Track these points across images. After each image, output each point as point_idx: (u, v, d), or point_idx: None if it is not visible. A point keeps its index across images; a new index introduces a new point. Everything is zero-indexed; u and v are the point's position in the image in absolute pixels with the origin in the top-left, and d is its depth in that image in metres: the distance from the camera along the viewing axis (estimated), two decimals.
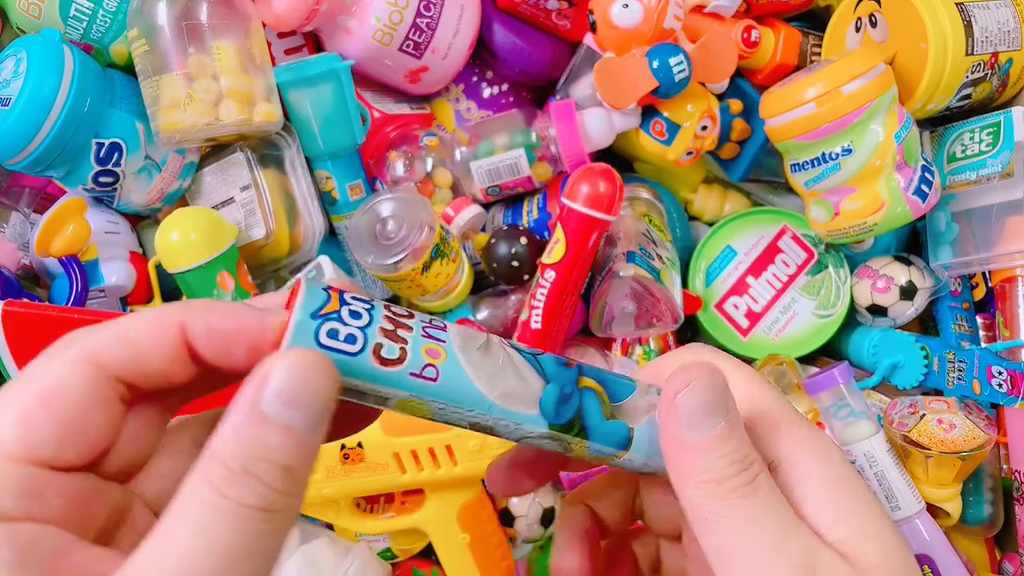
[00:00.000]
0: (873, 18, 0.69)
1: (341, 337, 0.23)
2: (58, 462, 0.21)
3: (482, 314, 0.71)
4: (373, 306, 0.25)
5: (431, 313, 0.74)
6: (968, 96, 0.69)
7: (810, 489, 0.25)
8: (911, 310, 0.72)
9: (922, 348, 0.70)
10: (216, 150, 0.70)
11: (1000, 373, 0.68)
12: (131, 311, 0.68)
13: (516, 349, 0.26)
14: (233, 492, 0.20)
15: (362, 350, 0.24)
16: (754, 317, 0.74)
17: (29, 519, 0.21)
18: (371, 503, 0.63)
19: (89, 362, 0.22)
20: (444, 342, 0.25)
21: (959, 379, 0.69)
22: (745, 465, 0.24)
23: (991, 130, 0.70)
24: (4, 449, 0.21)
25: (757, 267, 0.75)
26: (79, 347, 0.22)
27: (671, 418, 0.25)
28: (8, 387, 0.22)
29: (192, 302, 0.24)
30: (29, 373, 0.22)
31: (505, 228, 0.69)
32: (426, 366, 0.24)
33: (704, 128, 0.69)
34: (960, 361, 0.69)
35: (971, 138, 0.71)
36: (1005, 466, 0.71)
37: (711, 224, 0.78)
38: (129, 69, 0.66)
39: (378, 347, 0.24)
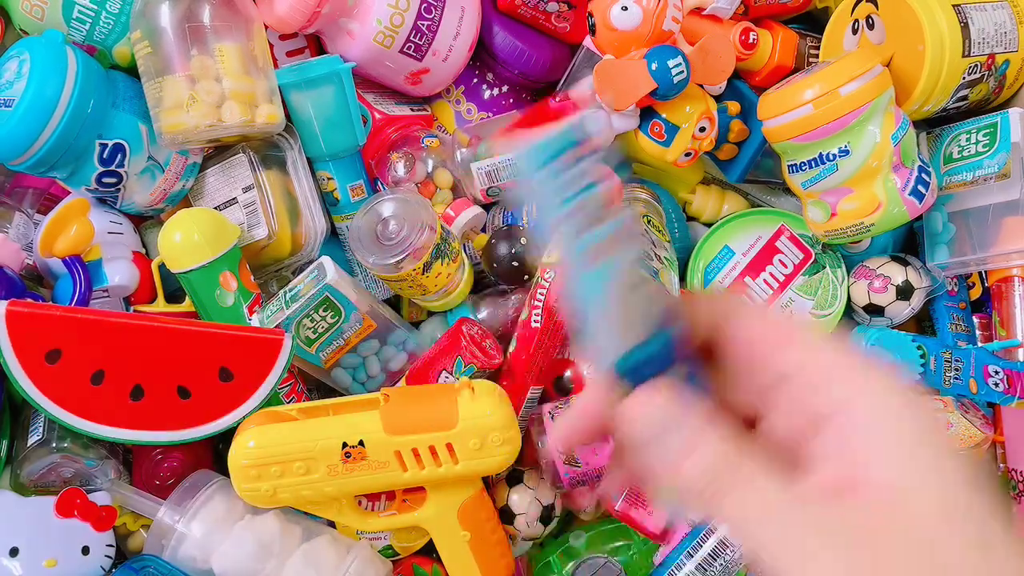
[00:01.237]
0: (870, 20, 0.70)
1: (561, 177, 0.27)
2: None
3: (482, 313, 0.72)
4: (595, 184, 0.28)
5: (433, 312, 0.74)
6: (965, 97, 0.70)
7: (863, 436, 0.25)
8: (908, 310, 0.72)
9: (919, 347, 0.70)
10: (219, 151, 0.70)
11: (997, 372, 0.68)
12: (135, 310, 0.68)
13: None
14: None
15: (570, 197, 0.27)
16: None
17: None
18: (372, 501, 0.64)
19: None
20: (622, 245, 0.28)
21: (956, 378, 0.69)
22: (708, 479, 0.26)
23: (988, 131, 0.71)
24: None
25: (755, 267, 0.75)
26: None
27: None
28: None
29: None
30: None
31: (505, 228, 0.70)
32: (594, 236, 0.28)
33: (702, 129, 0.69)
34: (957, 360, 0.70)
35: (968, 139, 0.72)
36: (1002, 465, 0.71)
37: (709, 224, 0.79)
38: (132, 70, 0.66)
39: (583, 204, 0.28)
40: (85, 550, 0.60)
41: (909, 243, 0.79)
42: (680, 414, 0.27)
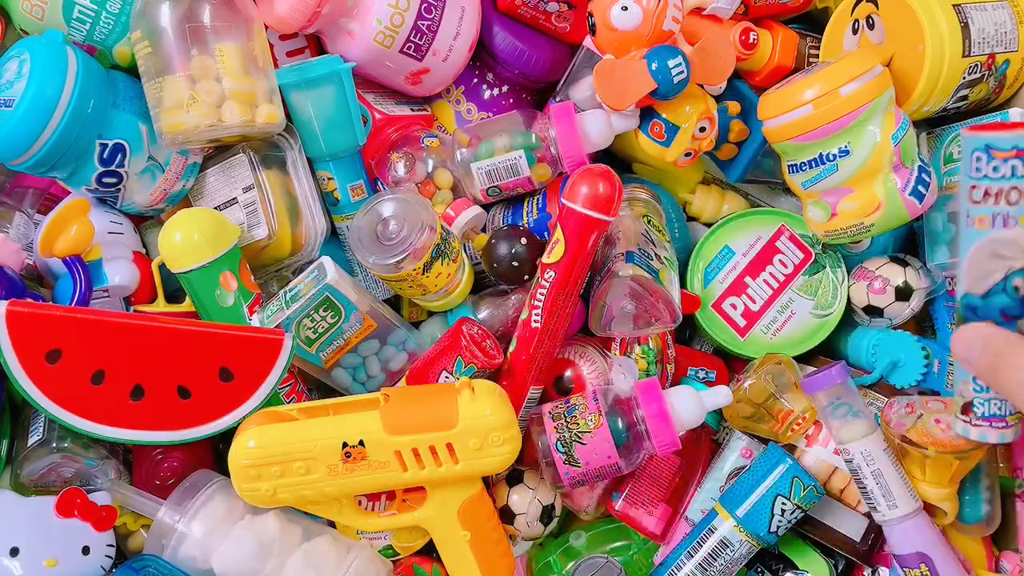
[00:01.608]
0: (871, 20, 0.70)
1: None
2: None
3: (483, 313, 0.72)
4: None
5: (433, 312, 0.74)
6: (965, 97, 0.70)
7: None
8: (907, 311, 0.72)
9: (923, 348, 0.70)
10: (219, 151, 0.70)
11: None
12: (135, 310, 0.68)
13: None
14: None
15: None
16: (752, 317, 0.75)
17: None
18: (372, 501, 0.64)
19: None
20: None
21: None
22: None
23: None
24: None
25: (755, 267, 0.75)
26: None
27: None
28: None
29: None
30: None
31: (505, 228, 0.70)
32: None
33: (702, 129, 0.69)
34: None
35: None
36: (1002, 464, 0.71)
37: (709, 224, 0.79)
38: (132, 70, 0.66)
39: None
40: (85, 550, 0.60)
41: (910, 243, 0.79)
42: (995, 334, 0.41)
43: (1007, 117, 0.69)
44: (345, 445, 0.58)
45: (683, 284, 0.75)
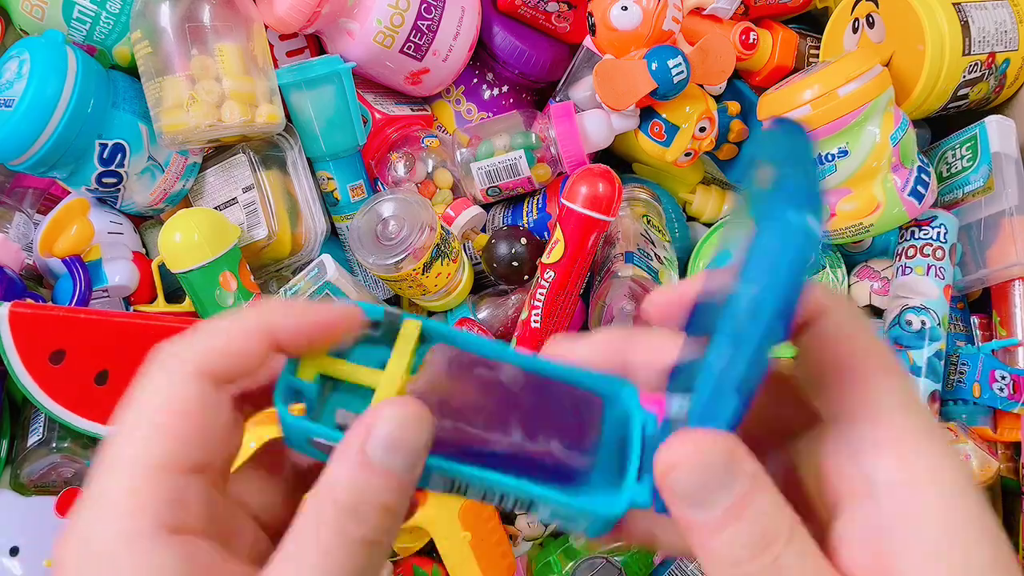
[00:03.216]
0: (871, 18, 0.70)
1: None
2: (195, 467, 0.23)
3: (483, 314, 0.72)
4: None
5: (433, 312, 0.74)
6: (965, 96, 0.70)
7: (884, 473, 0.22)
8: None
9: None
10: (219, 151, 0.70)
11: (1004, 378, 0.68)
12: (135, 310, 0.68)
13: None
14: (346, 528, 0.22)
15: None
16: None
17: (185, 532, 0.22)
18: None
19: (201, 373, 0.24)
20: None
21: (959, 381, 0.69)
22: (764, 545, 0.21)
23: (970, 144, 0.71)
24: (151, 461, 0.22)
25: None
26: (186, 360, 0.24)
27: (671, 498, 0.22)
28: (133, 404, 0.23)
29: (270, 304, 0.25)
30: (149, 389, 0.24)
31: (505, 228, 0.70)
32: None
33: (702, 129, 0.69)
34: (963, 364, 0.69)
35: (954, 155, 0.72)
36: (1006, 465, 0.71)
37: (709, 224, 0.79)
38: (132, 70, 0.66)
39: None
40: None
41: None
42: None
43: (984, 128, 0.69)
44: None
45: None
